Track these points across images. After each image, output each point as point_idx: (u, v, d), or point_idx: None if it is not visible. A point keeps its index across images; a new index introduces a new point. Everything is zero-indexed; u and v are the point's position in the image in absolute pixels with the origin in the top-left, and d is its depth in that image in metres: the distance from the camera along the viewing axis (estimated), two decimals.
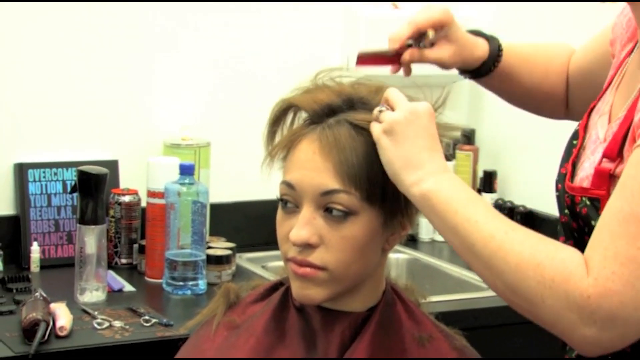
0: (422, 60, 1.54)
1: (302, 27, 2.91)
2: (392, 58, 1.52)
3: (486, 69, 1.61)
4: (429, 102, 1.29)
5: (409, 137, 1.24)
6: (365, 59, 1.49)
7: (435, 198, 1.21)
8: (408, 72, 1.55)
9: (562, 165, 1.38)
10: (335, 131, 1.27)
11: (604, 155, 1.26)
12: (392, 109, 1.26)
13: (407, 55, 1.52)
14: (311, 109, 1.31)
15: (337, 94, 1.32)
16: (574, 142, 1.39)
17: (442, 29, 1.53)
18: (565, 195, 1.33)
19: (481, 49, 1.59)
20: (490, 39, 1.61)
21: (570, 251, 1.17)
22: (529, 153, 3.00)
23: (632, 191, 1.14)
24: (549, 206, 2.93)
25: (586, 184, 1.29)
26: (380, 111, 1.26)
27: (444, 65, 1.56)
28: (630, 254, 1.12)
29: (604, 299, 1.12)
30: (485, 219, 1.20)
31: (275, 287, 1.42)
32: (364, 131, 1.28)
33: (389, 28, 2.89)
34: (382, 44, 1.52)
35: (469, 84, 3.14)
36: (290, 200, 1.30)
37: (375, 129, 1.25)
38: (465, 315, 2.32)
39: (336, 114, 1.30)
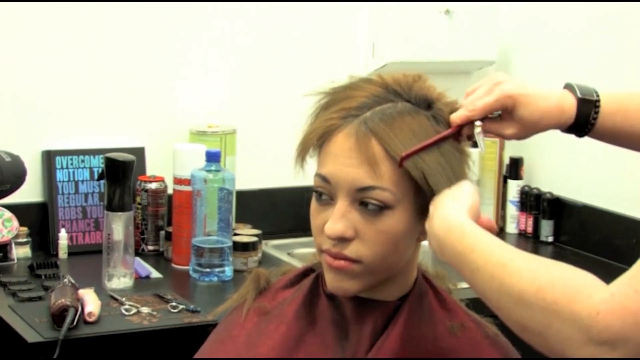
0: (484, 132, 1.39)
1: (327, 12, 2.91)
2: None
3: (580, 130, 1.45)
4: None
5: None
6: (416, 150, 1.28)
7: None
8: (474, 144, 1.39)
9: None
10: (371, 126, 1.25)
11: None
12: None
13: (464, 131, 1.35)
14: (361, 100, 1.28)
15: (379, 85, 1.30)
16: None
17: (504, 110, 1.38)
18: None
19: (566, 115, 1.43)
20: (581, 101, 1.41)
21: (574, 271, 1.08)
22: (556, 139, 2.95)
23: None
24: (576, 193, 2.92)
25: None
26: None
27: (508, 139, 1.43)
28: None
29: (614, 316, 1.01)
30: (483, 252, 1.14)
31: (305, 272, 1.41)
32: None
33: (416, 15, 2.90)
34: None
35: (494, 70, 3.13)
36: (325, 193, 1.29)
37: None
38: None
39: (375, 106, 1.27)
